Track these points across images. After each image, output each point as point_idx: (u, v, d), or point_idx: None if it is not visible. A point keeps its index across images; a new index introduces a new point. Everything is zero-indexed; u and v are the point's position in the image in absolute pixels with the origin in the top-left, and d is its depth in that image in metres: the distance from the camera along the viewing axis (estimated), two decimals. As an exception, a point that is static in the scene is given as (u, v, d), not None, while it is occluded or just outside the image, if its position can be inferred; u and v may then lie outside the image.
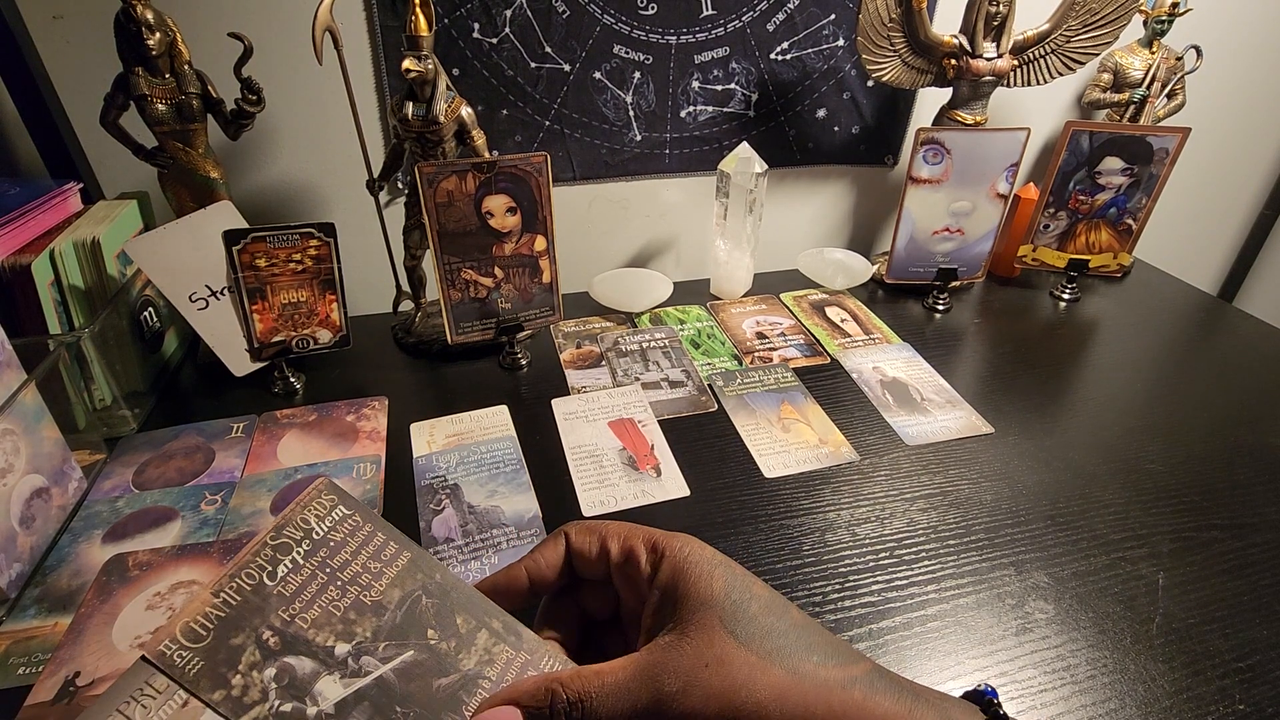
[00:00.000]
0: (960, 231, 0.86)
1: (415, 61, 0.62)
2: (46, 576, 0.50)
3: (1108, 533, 0.56)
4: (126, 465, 0.61)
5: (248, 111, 0.67)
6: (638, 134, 0.88)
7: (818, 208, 1.02)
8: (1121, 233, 0.87)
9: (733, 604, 0.27)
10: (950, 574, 0.52)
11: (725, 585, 0.27)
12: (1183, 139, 0.80)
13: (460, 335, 0.72)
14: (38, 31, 0.68)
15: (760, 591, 0.28)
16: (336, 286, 0.68)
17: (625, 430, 0.66)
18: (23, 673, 0.44)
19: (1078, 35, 0.81)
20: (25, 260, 0.58)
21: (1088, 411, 0.70)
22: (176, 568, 0.51)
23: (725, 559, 0.29)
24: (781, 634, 0.26)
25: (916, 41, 0.80)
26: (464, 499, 0.58)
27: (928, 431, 0.67)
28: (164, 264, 0.63)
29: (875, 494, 0.59)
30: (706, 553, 0.29)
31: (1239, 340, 0.85)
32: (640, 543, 0.30)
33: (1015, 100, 0.98)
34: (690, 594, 0.27)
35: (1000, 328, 0.85)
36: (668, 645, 0.27)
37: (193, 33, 0.65)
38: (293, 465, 0.61)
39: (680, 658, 0.26)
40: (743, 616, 0.27)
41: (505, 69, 0.80)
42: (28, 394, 0.52)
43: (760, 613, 0.27)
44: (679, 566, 0.28)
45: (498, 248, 0.69)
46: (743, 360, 0.77)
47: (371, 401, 0.69)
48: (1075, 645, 0.47)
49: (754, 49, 0.86)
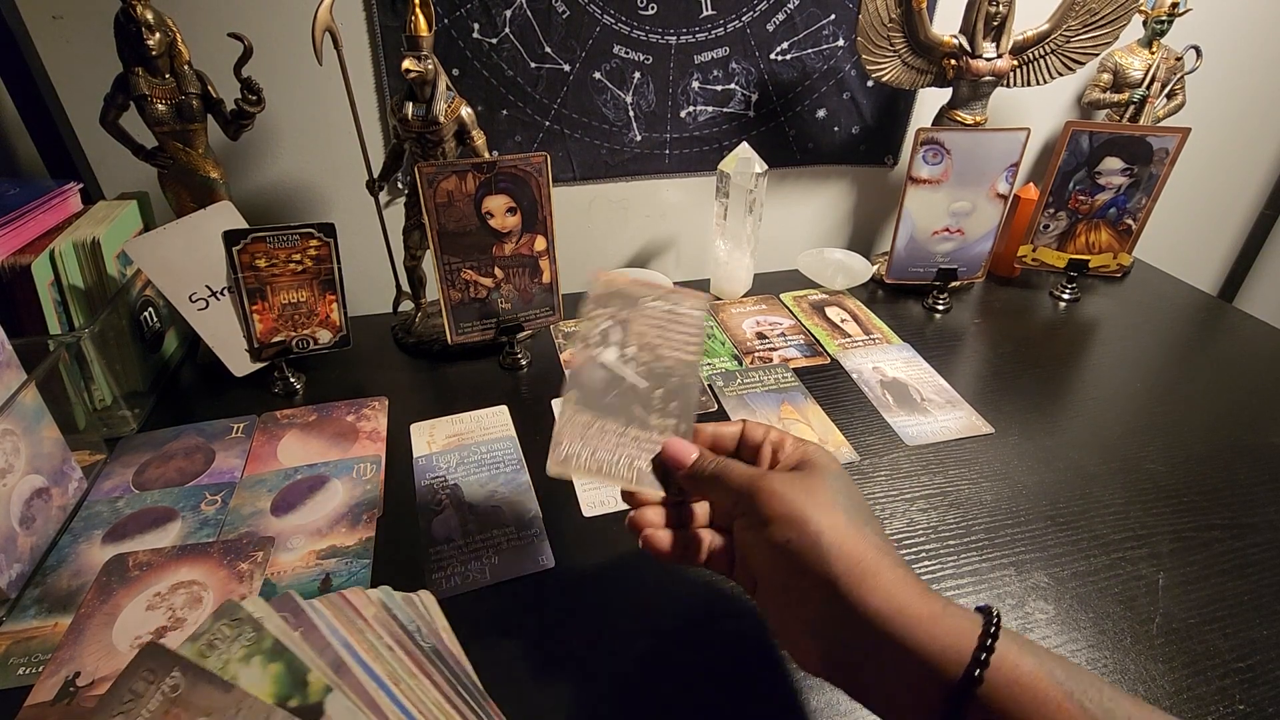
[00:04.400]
0: (960, 231, 0.86)
1: (415, 61, 0.62)
2: (46, 577, 0.50)
3: (1108, 533, 0.56)
4: (126, 465, 0.61)
5: (248, 112, 0.67)
6: (638, 134, 0.88)
7: (818, 208, 1.02)
8: (1121, 233, 0.87)
9: (834, 474, 0.38)
10: (950, 574, 0.52)
11: (835, 470, 0.38)
12: (1183, 139, 0.80)
13: (460, 335, 0.72)
14: (38, 31, 0.68)
15: (855, 492, 0.38)
16: (336, 286, 0.68)
17: (625, 430, 0.66)
18: (23, 673, 0.44)
19: (1078, 35, 0.81)
20: (25, 260, 0.58)
21: (1088, 411, 0.70)
22: (177, 568, 0.51)
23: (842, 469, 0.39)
24: (857, 506, 0.36)
25: (916, 42, 0.80)
26: (464, 499, 0.58)
27: (928, 431, 0.67)
28: (164, 264, 0.63)
29: (875, 494, 0.59)
30: (832, 457, 0.40)
31: (1239, 340, 0.85)
32: (790, 437, 0.42)
33: (1015, 100, 0.98)
34: (810, 464, 0.39)
35: (1000, 328, 0.85)
36: (786, 473, 0.38)
37: (193, 33, 0.64)
38: (293, 465, 0.61)
39: (787, 475, 0.38)
40: (837, 484, 0.37)
41: (505, 69, 0.80)
42: (28, 394, 0.52)
43: (848, 492, 0.37)
44: (810, 453, 0.40)
45: (498, 248, 0.69)
46: (743, 360, 0.77)
47: (371, 401, 0.69)
48: (1075, 645, 0.47)
49: (754, 49, 0.86)
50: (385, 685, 0.34)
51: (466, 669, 0.39)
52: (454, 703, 0.36)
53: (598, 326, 0.46)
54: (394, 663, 0.36)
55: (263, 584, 0.49)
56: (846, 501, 0.36)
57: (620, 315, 0.46)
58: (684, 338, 0.45)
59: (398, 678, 0.35)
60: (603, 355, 0.45)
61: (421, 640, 0.39)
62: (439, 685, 0.36)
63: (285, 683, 0.32)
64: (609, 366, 0.44)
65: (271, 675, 0.32)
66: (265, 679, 0.32)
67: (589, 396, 0.43)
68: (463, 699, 0.37)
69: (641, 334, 0.45)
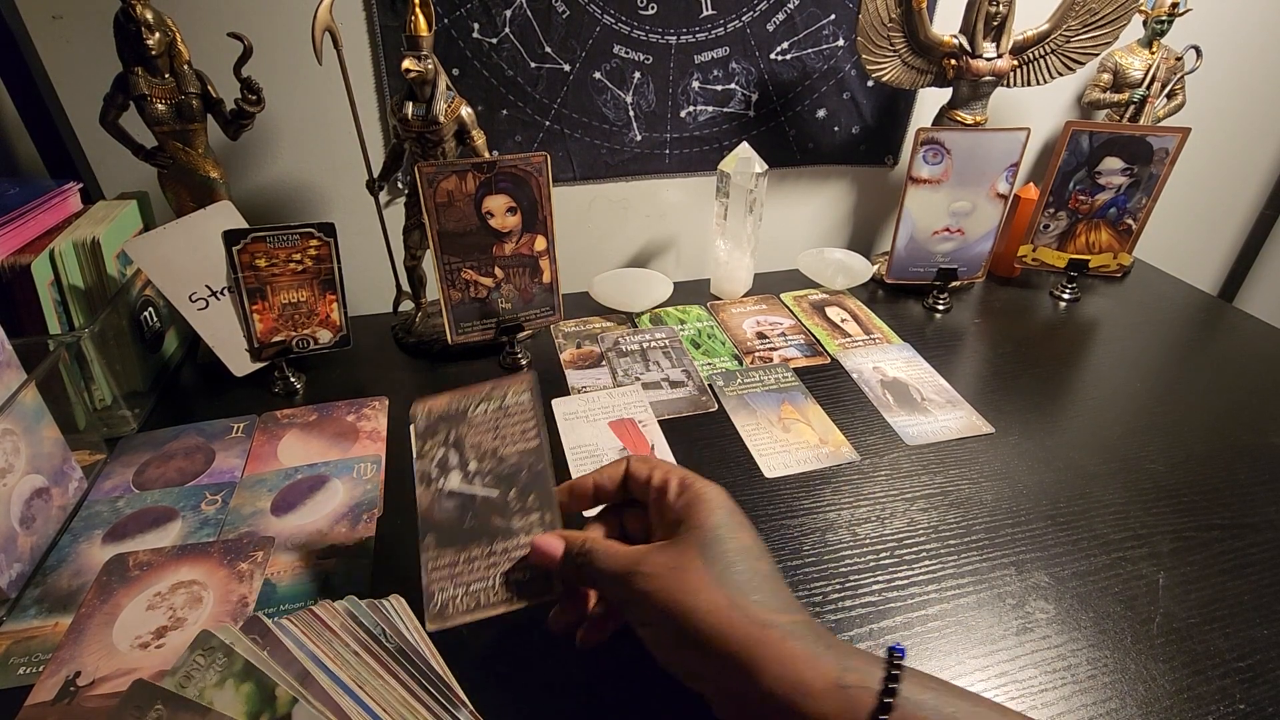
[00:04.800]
0: (960, 231, 0.86)
1: (415, 61, 0.62)
2: (47, 576, 0.50)
3: (1108, 532, 0.56)
4: (126, 465, 0.61)
5: (248, 111, 0.67)
6: (638, 134, 0.88)
7: (818, 208, 1.02)
8: (1121, 233, 0.87)
9: (715, 537, 0.35)
10: (951, 574, 0.52)
11: (716, 523, 0.36)
12: (1183, 139, 0.80)
13: (460, 335, 0.71)
14: (38, 31, 0.68)
15: (745, 539, 0.36)
16: (336, 286, 0.68)
17: (626, 430, 0.66)
18: (23, 673, 0.44)
19: (1078, 35, 0.81)
20: (25, 260, 0.58)
21: (1088, 411, 0.70)
22: (177, 568, 0.50)
23: (733, 507, 0.37)
24: (739, 572, 0.34)
25: (916, 41, 0.80)
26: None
27: (928, 431, 0.67)
28: (164, 264, 0.63)
29: (875, 494, 0.59)
30: (720, 499, 0.37)
31: (1239, 340, 0.85)
32: (676, 478, 0.39)
33: (1015, 100, 0.98)
34: (691, 521, 0.36)
35: (1000, 328, 0.85)
36: (658, 546, 0.36)
37: (192, 33, 0.64)
38: (293, 465, 0.61)
39: (660, 555, 0.36)
40: (718, 548, 0.35)
41: (505, 69, 0.80)
42: (28, 394, 0.52)
43: (733, 551, 0.35)
44: (693, 501, 0.37)
45: (498, 248, 0.69)
46: (743, 360, 0.77)
47: (372, 401, 0.69)
48: (1076, 645, 0.47)
49: (754, 49, 0.86)
50: (350, 690, 0.37)
51: (433, 664, 0.40)
52: (420, 698, 0.38)
53: (433, 459, 0.44)
54: (359, 667, 0.38)
55: (263, 584, 0.49)
56: (725, 571, 0.34)
57: (451, 437, 0.44)
58: (520, 428, 0.45)
59: (363, 681, 0.37)
60: (448, 484, 0.43)
61: (387, 642, 0.40)
62: (406, 684, 0.39)
63: (255, 700, 0.35)
64: (457, 492, 0.43)
65: (243, 695, 0.35)
66: (238, 699, 0.35)
67: (446, 533, 0.42)
68: (429, 694, 0.39)
69: (477, 445, 0.44)
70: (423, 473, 0.44)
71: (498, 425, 0.45)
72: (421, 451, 0.44)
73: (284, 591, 0.49)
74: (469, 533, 0.42)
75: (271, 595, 0.49)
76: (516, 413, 0.45)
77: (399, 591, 0.44)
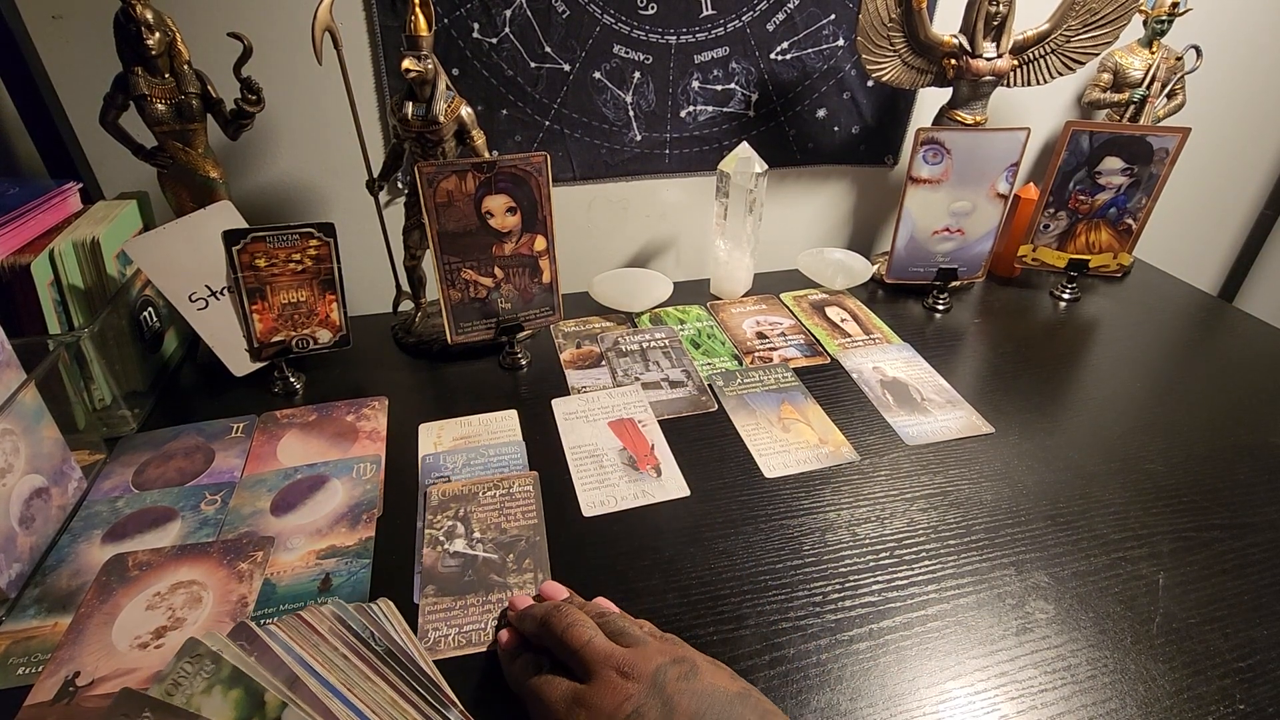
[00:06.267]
0: (960, 231, 0.86)
1: (415, 61, 0.62)
2: (46, 576, 0.50)
3: (1108, 533, 0.56)
4: (126, 465, 0.61)
5: (247, 111, 0.67)
6: (638, 134, 0.88)
7: (818, 208, 1.02)
8: (1121, 233, 0.87)
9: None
10: (950, 574, 0.52)
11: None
12: (1183, 139, 0.80)
13: (460, 335, 0.71)
14: (37, 31, 0.68)
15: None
16: (336, 286, 0.68)
17: (625, 430, 0.66)
18: (22, 673, 0.44)
19: (1078, 35, 0.81)
20: (25, 260, 0.58)
21: (1088, 411, 0.70)
22: (176, 568, 0.50)
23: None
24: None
25: (916, 41, 0.80)
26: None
27: (928, 431, 0.67)
28: (164, 264, 0.63)
29: (875, 494, 0.59)
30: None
31: (1239, 340, 0.85)
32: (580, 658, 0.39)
33: (1015, 100, 0.98)
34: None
35: (1000, 328, 0.85)
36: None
37: (192, 33, 0.64)
38: (293, 465, 0.61)
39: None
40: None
41: (505, 69, 0.80)
42: (27, 394, 0.52)
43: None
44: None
45: (498, 248, 0.69)
46: (743, 360, 0.77)
47: (371, 401, 0.69)
48: (1076, 645, 0.47)
49: (754, 49, 0.86)
50: (339, 693, 0.37)
51: (421, 665, 0.41)
52: (409, 698, 0.39)
53: (442, 528, 0.53)
54: (348, 670, 0.39)
55: (262, 584, 0.49)
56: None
57: (460, 514, 0.54)
58: (521, 509, 0.55)
59: (352, 684, 0.38)
60: (452, 547, 0.52)
61: (375, 644, 0.41)
62: (394, 684, 0.39)
63: (244, 705, 0.35)
64: (460, 553, 0.51)
65: (232, 701, 0.35)
66: (226, 705, 0.35)
67: (447, 585, 0.49)
68: (417, 693, 0.39)
69: (483, 520, 0.54)
70: (431, 537, 0.53)
71: (502, 507, 0.55)
72: (431, 523, 0.54)
73: (283, 591, 0.49)
74: (467, 585, 0.49)
75: (271, 595, 0.49)
76: (521, 497, 0.56)
77: (399, 591, 0.44)
